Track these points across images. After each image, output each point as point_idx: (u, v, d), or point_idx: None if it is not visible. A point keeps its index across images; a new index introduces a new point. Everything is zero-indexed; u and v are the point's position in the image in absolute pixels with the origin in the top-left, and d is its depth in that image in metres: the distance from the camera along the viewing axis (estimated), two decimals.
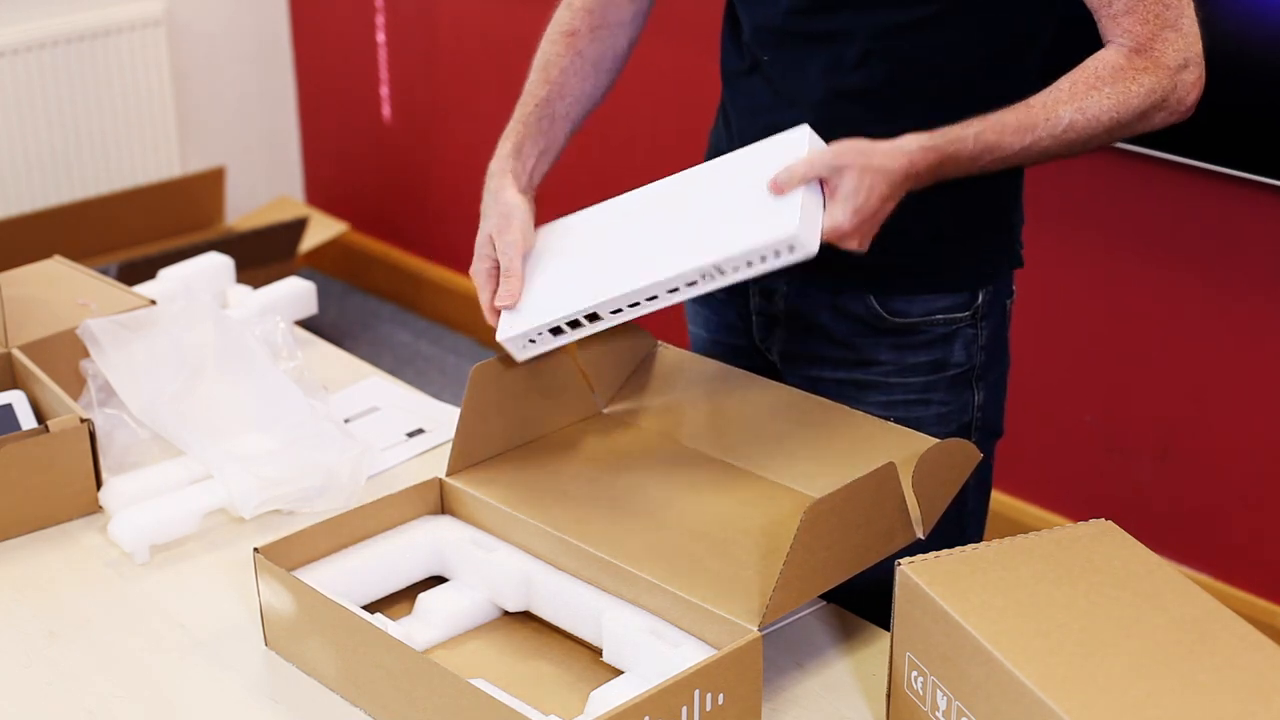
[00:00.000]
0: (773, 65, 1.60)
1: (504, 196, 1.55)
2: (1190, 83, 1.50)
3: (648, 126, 3.34)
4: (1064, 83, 1.48)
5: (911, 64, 1.54)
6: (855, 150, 1.41)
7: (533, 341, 1.48)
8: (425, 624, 1.42)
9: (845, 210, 1.39)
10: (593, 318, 1.45)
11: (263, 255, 3.67)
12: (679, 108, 3.25)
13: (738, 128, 1.65)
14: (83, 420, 1.58)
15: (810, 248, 1.37)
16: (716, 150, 1.70)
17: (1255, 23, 2.36)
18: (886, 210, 1.42)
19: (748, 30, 1.62)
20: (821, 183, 1.41)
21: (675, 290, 1.41)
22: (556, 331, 1.47)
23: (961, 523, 1.66)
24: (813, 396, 1.53)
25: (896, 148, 1.42)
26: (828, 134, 1.53)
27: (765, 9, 1.58)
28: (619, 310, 1.44)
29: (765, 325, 1.70)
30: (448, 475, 1.52)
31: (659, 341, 1.64)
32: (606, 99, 1.72)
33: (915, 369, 1.63)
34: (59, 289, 1.85)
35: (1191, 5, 1.49)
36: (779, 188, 1.39)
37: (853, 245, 1.42)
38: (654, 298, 1.42)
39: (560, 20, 1.70)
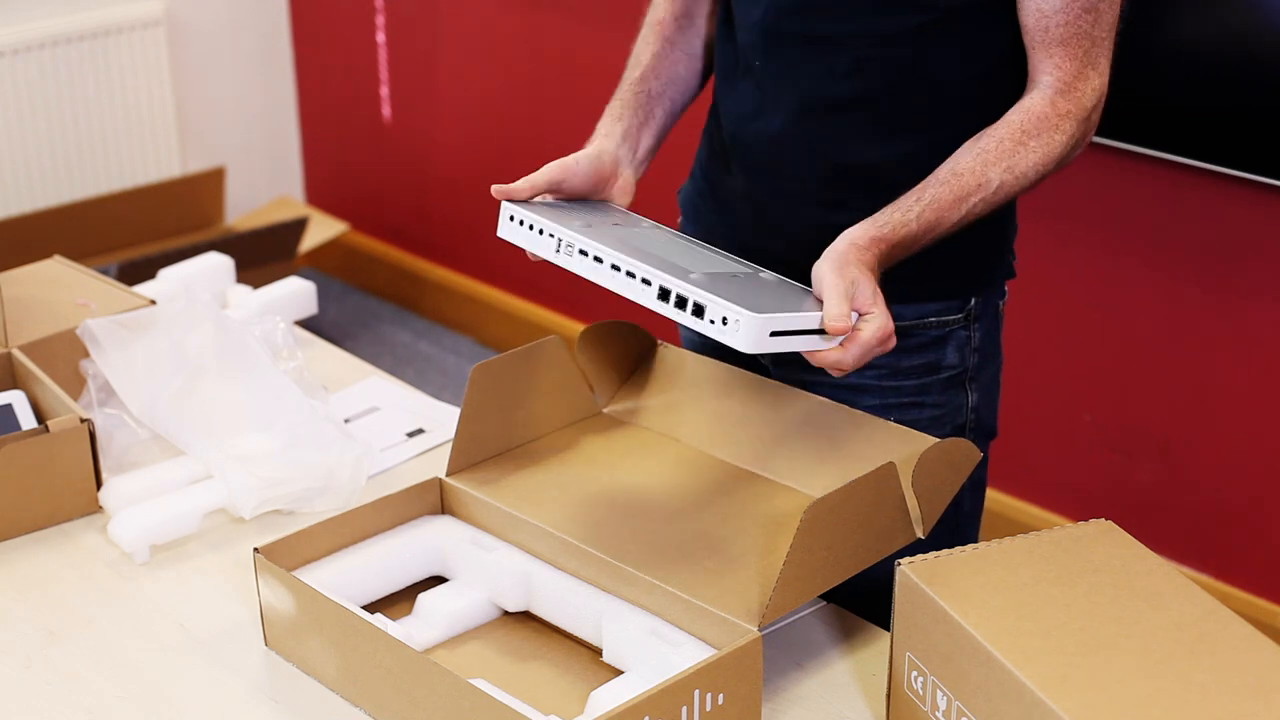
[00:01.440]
0: (764, 70, 1.59)
1: (586, 149, 1.54)
2: (1095, 122, 1.53)
3: None
4: (990, 141, 1.48)
5: (905, 74, 1.54)
6: (854, 264, 1.38)
7: (514, 220, 1.42)
8: (425, 624, 1.42)
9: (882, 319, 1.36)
10: (569, 249, 1.38)
11: (263, 255, 3.67)
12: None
13: (730, 131, 1.65)
14: (83, 420, 1.58)
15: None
16: (710, 149, 1.70)
17: (1255, 23, 2.36)
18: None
19: (743, 33, 1.61)
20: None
21: (647, 283, 1.34)
22: (536, 230, 1.41)
23: (958, 524, 1.66)
24: (813, 396, 1.53)
25: (861, 253, 1.40)
26: (818, 144, 1.53)
27: (753, 9, 1.58)
28: (599, 260, 1.36)
29: None
30: (448, 475, 1.52)
31: (659, 341, 1.64)
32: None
33: (908, 372, 1.63)
34: (59, 289, 1.85)
35: (1113, 42, 1.51)
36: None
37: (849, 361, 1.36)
38: (631, 274, 1.34)
39: (648, 19, 1.72)
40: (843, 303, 1.34)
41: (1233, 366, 2.60)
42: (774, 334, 1.31)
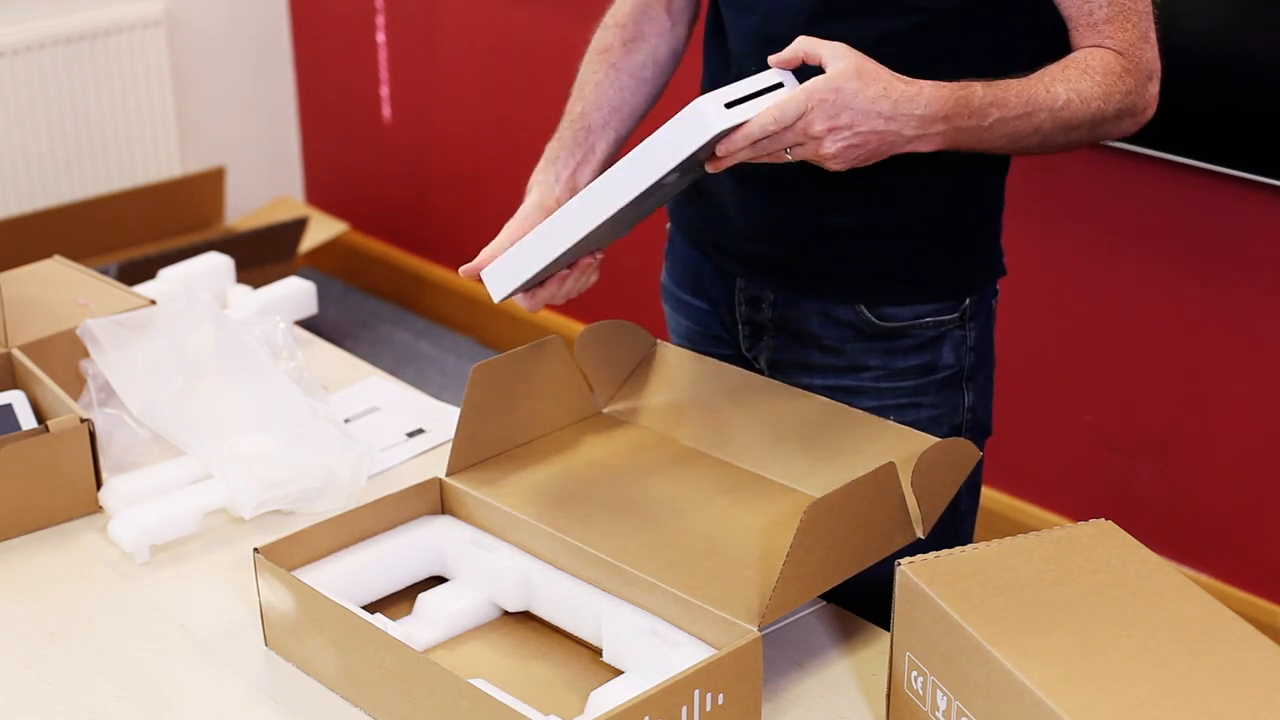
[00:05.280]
0: None
1: (525, 201, 1.59)
2: (1154, 94, 1.52)
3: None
4: (1055, 67, 1.47)
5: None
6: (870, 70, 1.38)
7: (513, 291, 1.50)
8: (425, 624, 1.42)
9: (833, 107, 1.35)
10: (555, 262, 1.45)
11: (263, 255, 3.68)
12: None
13: None
14: (83, 420, 1.58)
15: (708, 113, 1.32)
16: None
17: (1256, 23, 2.36)
18: (881, 138, 1.37)
19: (735, 39, 1.61)
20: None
21: (619, 211, 1.39)
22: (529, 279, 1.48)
23: (955, 523, 1.66)
24: (813, 396, 1.53)
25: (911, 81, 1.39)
26: None
27: (751, 17, 1.58)
28: (577, 245, 1.42)
29: (753, 334, 1.70)
30: (448, 475, 1.52)
31: (659, 341, 1.64)
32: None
33: (905, 373, 1.64)
34: (59, 289, 1.85)
35: (1153, 19, 1.52)
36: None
37: (828, 154, 1.36)
38: (600, 226, 1.40)
39: (595, 41, 1.72)
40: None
41: (1233, 366, 2.60)
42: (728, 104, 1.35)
